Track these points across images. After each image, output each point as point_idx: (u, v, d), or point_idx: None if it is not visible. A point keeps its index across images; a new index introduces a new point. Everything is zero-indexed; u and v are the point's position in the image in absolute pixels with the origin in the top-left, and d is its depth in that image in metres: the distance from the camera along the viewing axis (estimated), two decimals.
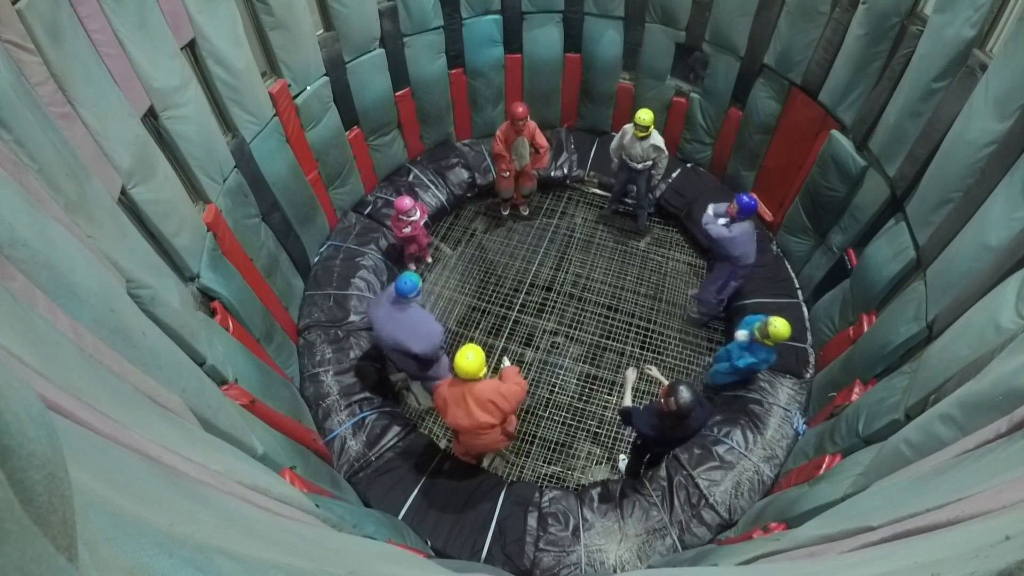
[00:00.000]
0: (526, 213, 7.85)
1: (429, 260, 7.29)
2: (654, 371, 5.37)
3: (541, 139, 6.78)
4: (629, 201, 7.69)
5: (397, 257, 6.96)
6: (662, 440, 4.72)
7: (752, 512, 5.03)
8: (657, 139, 6.58)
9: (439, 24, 6.84)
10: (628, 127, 6.58)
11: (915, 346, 4.48)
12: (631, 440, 5.97)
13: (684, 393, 4.14)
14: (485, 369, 4.38)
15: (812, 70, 5.95)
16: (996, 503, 1.70)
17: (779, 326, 5.00)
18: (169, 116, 4.21)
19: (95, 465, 1.27)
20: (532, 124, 6.71)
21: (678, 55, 7.14)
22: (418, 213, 6.47)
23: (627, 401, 5.03)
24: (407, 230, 6.50)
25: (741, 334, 5.45)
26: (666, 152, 6.68)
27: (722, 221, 5.81)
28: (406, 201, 6.34)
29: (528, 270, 7.26)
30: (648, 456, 5.37)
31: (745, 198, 5.66)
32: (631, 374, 5.20)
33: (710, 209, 5.98)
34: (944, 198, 4.47)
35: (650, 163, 6.78)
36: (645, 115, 6.35)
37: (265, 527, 1.95)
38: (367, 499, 5.22)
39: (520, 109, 6.42)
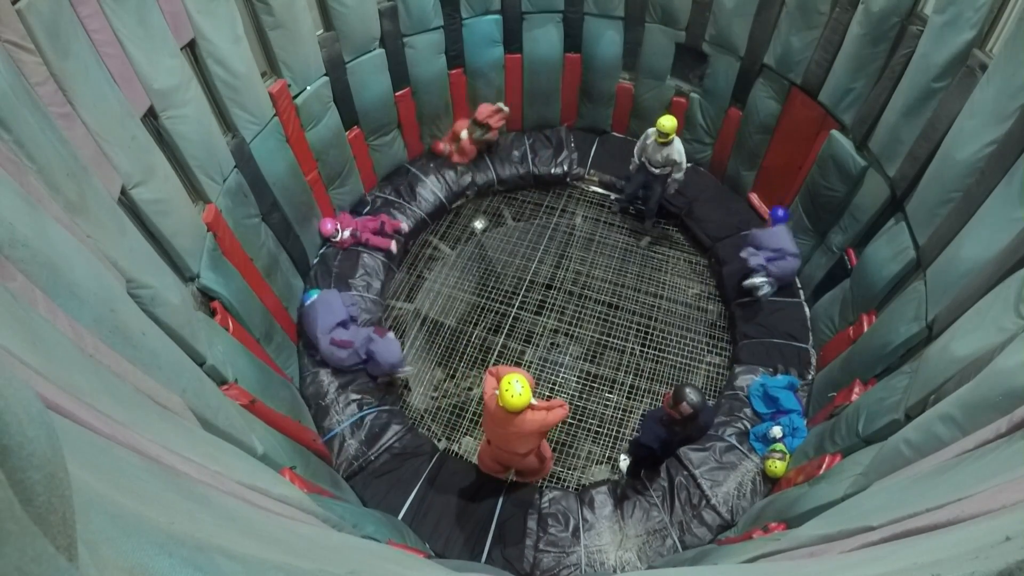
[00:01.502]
0: (500, 135, 7.90)
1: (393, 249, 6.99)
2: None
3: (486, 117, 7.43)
4: (635, 204, 7.70)
5: (391, 256, 6.92)
6: (668, 448, 4.73)
7: (752, 512, 5.03)
8: (678, 148, 6.58)
9: (439, 24, 6.84)
10: (652, 131, 6.60)
11: (915, 346, 4.48)
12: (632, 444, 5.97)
13: (692, 395, 4.19)
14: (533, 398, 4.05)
15: (812, 70, 5.95)
16: (996, 503, 1.70)
17: (774, 469, 5.21)
18: (169, 116, 4.21)
19: (95, 465, 1.27)
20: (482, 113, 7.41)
21: (678, 55, 7.14)
22: (341, 235, 6.71)
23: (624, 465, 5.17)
24: (336, 240, 6.74)
25: (776, 430, 5.45)
26: (683, 164, 6.69)
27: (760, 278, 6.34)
28: (328, 225, 6.64)
29: (528, 268, 7.26)
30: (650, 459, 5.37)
31: (780, 211, 6.48)
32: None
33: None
34: (944, 198, 4.47)
35: (668, 169, 6.80)
36: (667, 122, 6.39)
37: (265, 527, 1.95)
38: (366, 499, 5.22)
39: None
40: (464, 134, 7.53)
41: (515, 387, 3.88)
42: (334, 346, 5.72)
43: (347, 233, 6.75)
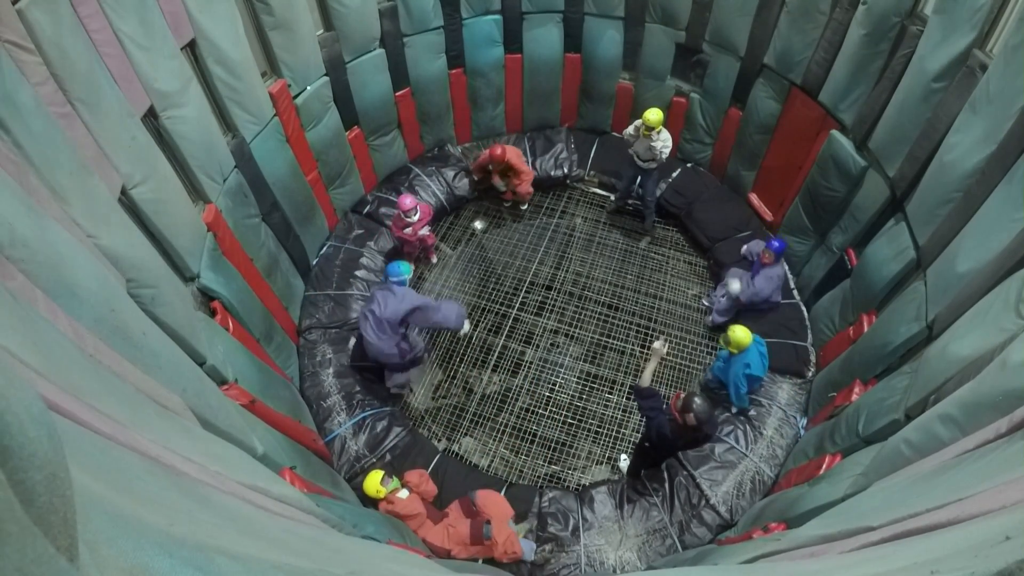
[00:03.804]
0: (525, 208, 7.89)
1: (434, 260, 7.26)
2: (660, 348, 4.73)
3: (520, 166, 7.36)
4: (631, 202, 7.69)
5: (395, 255, 6.94)
6: (669, 444, 4.72)
7: (752, 512, 5.03)
8: (665, 138, 6.53)
9: (439, 24, 6.84)
10: (638, 123, 6.55)
11: (915, 346, 4.48)
12: (635, 442, 5.97)
13: (700, 408, 4.21)
14: (382, 488, 4.78)
15: (812, 70, 5.95)
16: (996, 503, 1.70)
17: (738, 332, 5.23)
18: (169, 116, 4.21)
19: (96, 465, 1.27)
20: (513, 154, 7.25)
21: (678, 55, 7.14)
22: (418, 214, 6.47)
23: (646, 380, 4.60)
24: (407, 231, 6.51)
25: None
26: (668, 146, 6.61)
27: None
28: (407, 200, 6.38)
29: (528, 269, 7.26)
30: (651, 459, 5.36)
31: (775, 243, 6.21)
32: (661, 347, 4.66)
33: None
34: (944, 198, 4.46)
35: (655, 165, 6.78)
36: (652, 115, 6.34)
37: (265, 527, 1.95)
38: (367, 500, 5.22)
39: (497, 152, 7.04)
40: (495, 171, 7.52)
41: (377, 479, 4.77)
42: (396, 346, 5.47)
43: (426, 228, 6.57)
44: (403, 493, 4.90)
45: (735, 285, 6.30)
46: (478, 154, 7.54)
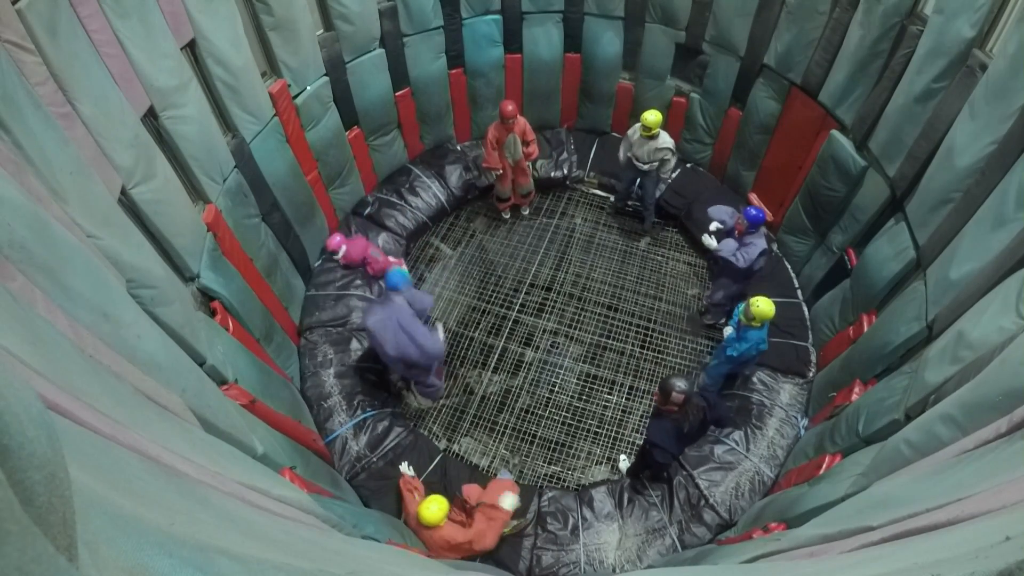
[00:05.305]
0: (526, 213, 7.87)
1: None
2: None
3: (530, 134, 6.94)
4: (631, 203, 7.70)
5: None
6: (676, 436, 4.72)
7: (752, 512, 5.03)
8: (665, 140, 6.56)
9: (439, 24, 6.84)
10: (637, 126, 6.58)
11: (915, 346, 4.48)
12: (634, 442, 5.97)
13: (677, 382, 4.25)
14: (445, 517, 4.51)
15: (812, 70, 5.95)
16: (996, 503, 1.70)
17: (762, 304, 5.03)
18: (169, 116, 4.21)
19: (95, 465, 1.27)
20: (523, 121, 6.82)
21: (678, 55, 7.14)
22: (344, 251, 6.56)
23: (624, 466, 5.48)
24: (337, 256, 6.63)
25: (727, 330, 5.60)
26: (674, 153, 6.63)
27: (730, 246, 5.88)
28: (335, 239, 6.57)
29: (528, 270, 7.26)
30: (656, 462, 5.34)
31: (752, 211, 5.68)
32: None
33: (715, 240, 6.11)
34: (944, 198, 4.47)
35: (656, 164, 6.78)
36: (651, 116, 6.35)
37: (265, 527, 1.95)
38: (367, 500, 5.22)
39: (509, 108, 6.54)
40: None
41: (431, 507, 4.43)
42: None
43: (343, 250, 6.56)
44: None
45: (712, 243, 6.07)
46: (485, 154, 7.05)
